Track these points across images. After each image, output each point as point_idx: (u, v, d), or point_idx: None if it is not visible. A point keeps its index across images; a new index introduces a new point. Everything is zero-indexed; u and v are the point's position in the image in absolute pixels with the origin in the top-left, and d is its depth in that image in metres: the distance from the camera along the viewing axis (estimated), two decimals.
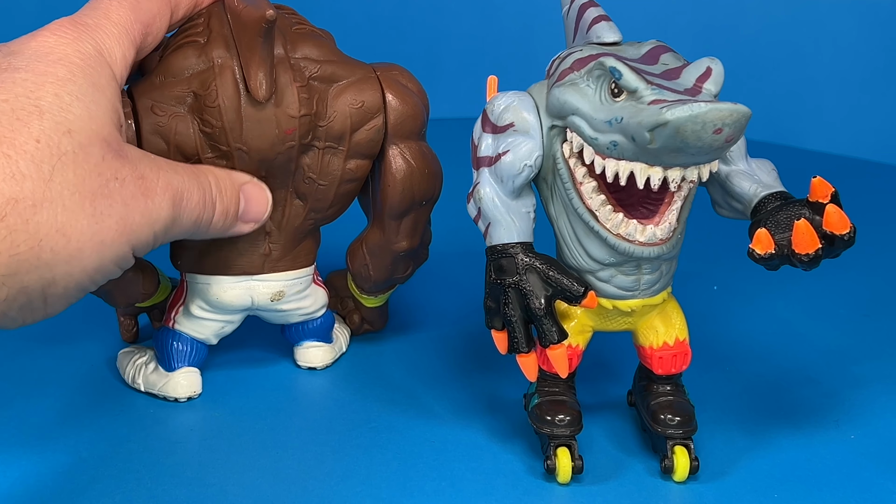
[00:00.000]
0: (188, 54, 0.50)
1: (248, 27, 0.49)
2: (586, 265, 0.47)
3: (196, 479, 0.49)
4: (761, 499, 0.48)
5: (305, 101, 0.51)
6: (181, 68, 0.50)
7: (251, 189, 0.51)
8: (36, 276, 0.40)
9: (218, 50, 0.50)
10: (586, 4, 0.50)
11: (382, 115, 0.53)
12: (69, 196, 0.40)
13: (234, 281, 0.55)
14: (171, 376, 0.55)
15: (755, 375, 0.59)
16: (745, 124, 0.42)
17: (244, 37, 0.49)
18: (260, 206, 0.51)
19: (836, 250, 0.45)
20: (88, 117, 0.42)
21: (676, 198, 0.46)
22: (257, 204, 0.51)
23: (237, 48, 0.50)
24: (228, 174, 0.50)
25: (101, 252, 0.42)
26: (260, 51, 0.49)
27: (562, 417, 0.49)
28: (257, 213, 0.51)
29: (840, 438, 0.53)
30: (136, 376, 0.56)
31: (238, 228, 0.51)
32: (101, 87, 0.44)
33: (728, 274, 0.70)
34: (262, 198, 0.51)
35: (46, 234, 0.40)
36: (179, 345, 0.56)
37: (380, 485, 0.49)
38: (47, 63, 0.43)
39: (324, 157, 0.53)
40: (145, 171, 0.44)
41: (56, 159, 0.40)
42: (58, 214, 0.40)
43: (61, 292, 0.42)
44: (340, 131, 0.53)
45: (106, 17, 0.46)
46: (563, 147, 0.47)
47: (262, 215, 0.52)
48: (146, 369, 0.56)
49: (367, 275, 0.57)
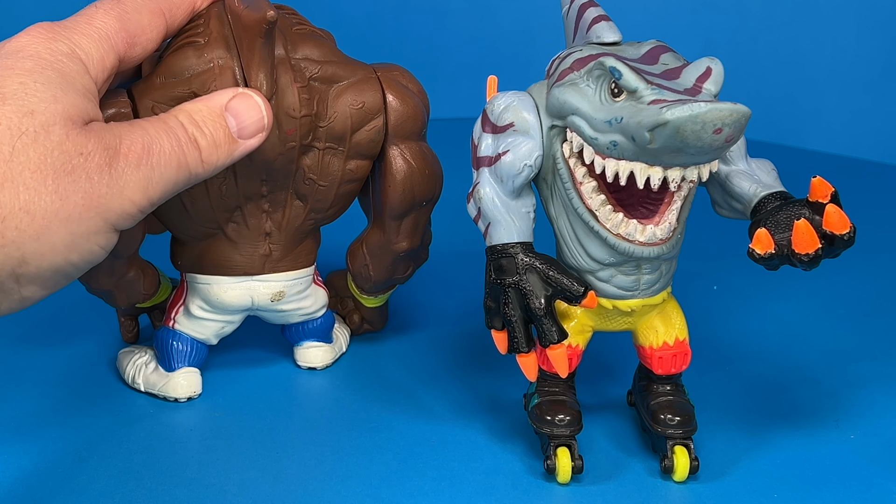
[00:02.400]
0: (188, 55, 0.50)
1: (248, 28, 0.49)
2: (586, 265, 0.47)
3: (196, 479, 0.49)
4: (761, 499, 0.48)
5: (306, 101, 0.51)
6: (181, 69, 0.50)
7: (236, 104, 0.48)
8: (3, 254, 0.41)
9: (218, 50, 0.50)
10: (586, 4, 0.50)
11: (383, 116, 0.53)
12: (30, 174, 0.41)
13: (235, 281, 0.55)
14: (171, 376, 0.55)
15: (755, 375, 0.59)
16: (744, 124, 0.42)
17: (245, 37, 0.49)
18: (253, 114, 0.48)
19: (836, 250, 0.45)
20: (53, 99, 0.42)
21: (676, 198, 0.46)
22: (249, 115, 0.48)
23: (237, 49, 0.50)
24: (205, 101, 0.48)
25: (70, 228, 0.42)
26: (260, 51, 0.49)
27: (562, 417, 0.49)
28: (255, 124, 0.48)
29: (840, 438, 0.53)
30: (136, 376, 0.56)
31: (243, 148, 0.48)
32: (69, 78, 0.43)
33: (728, 274, 0.70)
34: (252, 106, 0.48)
35: (10, 212, 0.40)
36: (179, 345, 0.56)
37: (379, 485, 0.49)
38: (16, 59, 0.43)
39: (324, 158, 0.53)
40: (110, 140, 0.43)
41: (16, 139, 0.41)
42: (20, 193, 0.40)
43: (34, 272, 0.42)
44: (341, 132, 0.52)
45: (87, 22, 0.46)
46: (563, 147, 0.47)
47: (262, 122, 0.48)
48: (146, 369, 0.56)
49: (368, 275, 0.57)
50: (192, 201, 0.52)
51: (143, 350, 0.58)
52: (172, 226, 0.54)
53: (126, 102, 0.49)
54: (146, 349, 0.58)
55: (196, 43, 0.50)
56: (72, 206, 0.41)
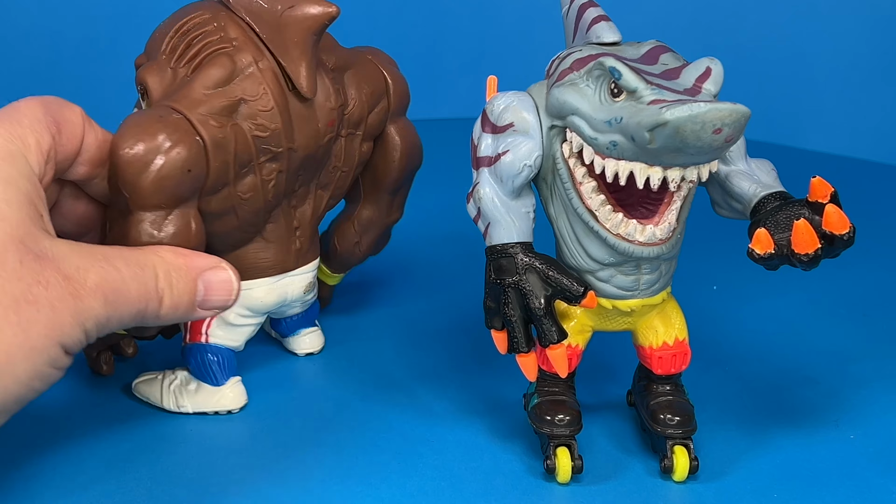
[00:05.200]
0: (224, 63, 0.49)
1: (295, 25, 0.49)
2: (586, 265, 0.47)
3: (196, 479, 0.49)
4: (761, 499, 0.48)
5: (336, 91, 0.52)
6: (222, 78, 0.49)
7: (212, 276, 0.47)
8: None
9: (253, 54, 0.50)
10: (586, 4, 0.50)
11: (387, 97, 0.56)
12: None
13: (274, 281, 0.55)
14: (220, 391, 0.54)
15: (755, 375, 0.59)
16: (744, 124, 0.42)
17: (288, 35, 0.49)
18: (223, 293, 0.47)
19: (836, 250, 0.45)
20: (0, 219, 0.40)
21: (676, 198, 0.46)
22: (219, 292, 0.47)
23: (268, 49, 0.50)
24: (186, 261, 0.46)
25: (33, 358, 0.40)
26: (311, 48, 0.50)
27: (561, 417, 0.49)
28: (219, 301, 0.47)
29: (840, 438, 0.53)
30: (181, 400, 0.54)
31: (197, 316, 0.48)
32: (12, 181, 0.41)
33: (728, 274, 0.70)
34: (225, 285, 0.47)
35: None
36: (219, 357, 0.54)
37: (379, 485, 0.49)
38: None
39: (347, 144, 0.54)
40: (70, 271, 0.41)
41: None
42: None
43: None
44: (359, 117, 0.54)
45: (13, 108, 0.44)
46: (562, 147, 0.47)
47: (227, 302, 0.48)
48: (188, 390, 0.54)
49: (358, 251, 0.59)
50: (245, 209, 0.51)
51: (166, 373, 0.55)
52: (217, 239, 0.52)
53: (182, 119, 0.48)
54: (168, 372, 0.55)
55: (225, 50, 0.49)
56: (35, 337, 0.40)
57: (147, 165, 0.46)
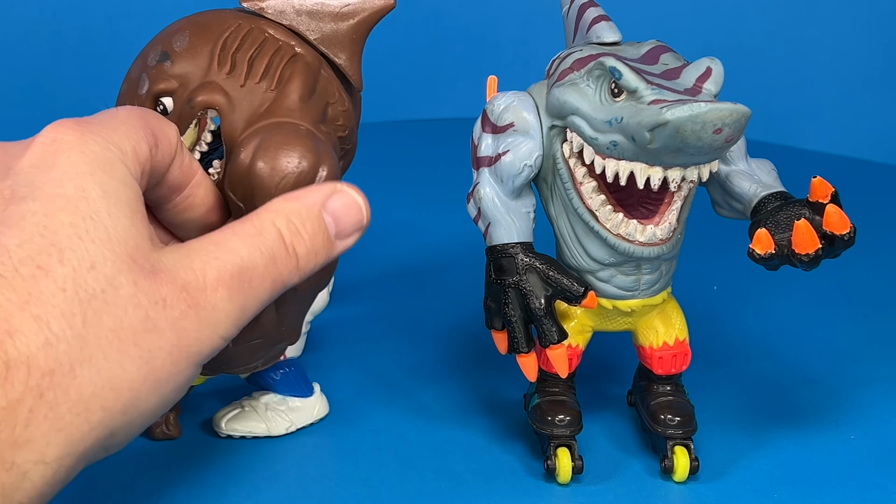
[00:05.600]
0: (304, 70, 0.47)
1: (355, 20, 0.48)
2: (586, 265, 0.47)
3: (196, 479, 0.49)
4: (761, 499, 0.48)
5: None
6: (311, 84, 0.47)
7: (335, 204, 0.42)
8: (91, 438, 0.35)
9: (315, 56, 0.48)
10: (586, 4, 0.50)
11: None
12: (108, 345, 0.35)
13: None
14: (311, 400, 0.54)
15: (755, 375, 0.59)
16: (744, 124, 0.42)
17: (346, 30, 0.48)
18: (353, 214, 0.42)
19: (836, 250, 0.45)
20: (108, 239, 0.36)
21: (676, 198, 0.46)
22: (349, 215, 0.42)
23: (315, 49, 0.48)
24: (301, 199, 0.42)
25: (160, 390, 0.37)
26: (362, 44, 0.49)
27: (562, 417, 0.49)
28: (354, 225, 0.43)
29: (840, 438, 0.53)
30: (285, 422, 0.53)
31: (338, 251, 0.43)
32: (111, 192, 0.37)
33: (728, 274, 0.70)
34: (351, 206, 0.43)
35: (92, 395, 0.35)
36: (295, 369, 0.54)
37: (379, 486, 0.49)
38: (54, 183, 0.37)
39: None
40: (187, 278, 0.38)
41: (86, 305, 0.35)
42: (101, 370, 0.35)
43: (122, 440, 0.37)
44: None
45: (110, 115, 0.40)
46: (563, 147, 0.47)
47: (362, 222, 0.43)
48: (285, 411, 0.54)
49: None
50: None
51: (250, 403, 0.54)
52: None
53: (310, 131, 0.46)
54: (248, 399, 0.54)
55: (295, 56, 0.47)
56: (160, 367, 0.37)
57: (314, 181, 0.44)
